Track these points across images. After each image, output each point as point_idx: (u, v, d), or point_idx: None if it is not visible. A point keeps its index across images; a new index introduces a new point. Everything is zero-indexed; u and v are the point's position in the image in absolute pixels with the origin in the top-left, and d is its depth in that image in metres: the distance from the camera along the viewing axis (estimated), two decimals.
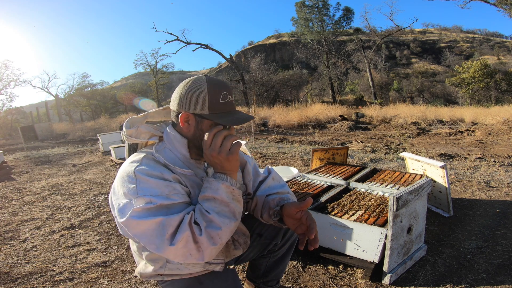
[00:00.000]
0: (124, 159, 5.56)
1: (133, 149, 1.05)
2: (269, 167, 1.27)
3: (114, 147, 5.85)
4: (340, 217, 1.75)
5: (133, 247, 1.03)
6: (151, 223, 0.79)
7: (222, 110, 0.92)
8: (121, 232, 0.92)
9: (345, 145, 4.15)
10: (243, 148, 1.26)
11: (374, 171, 2.67)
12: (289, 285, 1.64)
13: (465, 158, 4.67)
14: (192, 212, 0.86)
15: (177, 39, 22.29)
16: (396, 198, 1.49)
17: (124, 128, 0.99)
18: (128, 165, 0.89)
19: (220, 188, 0.87)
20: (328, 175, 2.56)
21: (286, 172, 3.19)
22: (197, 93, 0.90)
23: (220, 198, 0.87)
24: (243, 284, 1.46)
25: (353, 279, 1.66)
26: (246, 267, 1.45)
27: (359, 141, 7.38)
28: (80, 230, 2.59)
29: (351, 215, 1.76)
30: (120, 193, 0.86)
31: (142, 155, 0.93)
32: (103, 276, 1.83)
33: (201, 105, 0.90)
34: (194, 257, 0.82)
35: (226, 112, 0.93)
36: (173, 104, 0.95)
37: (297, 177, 2.59)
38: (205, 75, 0.95)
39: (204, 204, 0.87)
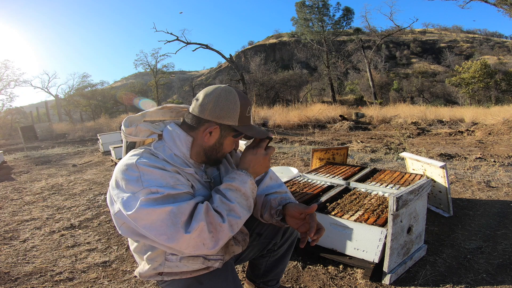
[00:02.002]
0: None
1: (131, 147, 1.06)
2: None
3: (114, 147, 5.85)
4: (340, 217, 1.75)
5: (133, 246, 1.03)
6: (161, 212, 0.80)
7: (247, 123, 1.00)
8: (119, 231, 0.92)
9: (345, 145, 4.15)
10: (242, 147, 1.27)
11: (374, 171, 2.67)
12: (289, 285, 1.64)
13: (465, 158, 4.67)
14: (207, 202, 0.88)
15: (177, 39, 22.29)
16: (396, 198, 1.49)
17: (123, 127, 0.99)
18: (129, 158, 0.90)
19: (248, 182, 0.94)
20: (328, 175, 2.56)
21: (286, 172, 3.19)
22: (232, 105, 0.94)
23: (244, 190, 0.93)
24: (243, 284, 1.46)
25: (353, 279, 1.66)
26: (246, 267, 1.45)
27: (359, 141, 7.38)
28: (80, 230, 2.58)
29: (351, 215, 1.76)
30: (122, 186, 0.85)
31: (142, 150, 0.94)
32: (103, 276, 1.83)
33: (233, 117, 0.95)
34: (207, 246, 0.83)
35: (249, 125, 1.00)
36: (200, 110, 0.96)
37: (297, 177, 2.59)
38: (229, 85, 1.00)
39: (227, 193, 0.91)
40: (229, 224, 0.87)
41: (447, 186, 2.31)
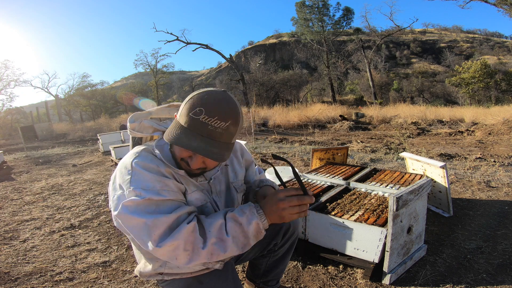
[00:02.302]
0: None
1: (137, 143, 1.09)
2: (259, 168, 1.34)
3: (114, 147, 5.85)
4: (340, 217, 1.75)
5: (133, 244, 1.04)
6: (138, 222, 0.81)
7: (193, 129, 0.82)
8: (115, 224, 0.94)
9: (345, 145, 4.15)
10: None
11: (374, 171, 2.67)
12: (289, 285, 1.64)
13: (465, 158, 4.67)
14: (195, 223, 0.84)
15: (177, 39, 22.30)
16: (396, 198, 1.49)
17: (128, 122, 1.02)
18: (127, 157, 0.92)
19: (252, 224, 0.86)
20: (328, 175, 2.56)
21: (286, 172, 3.19)
22: (185, 102, 0.85)
23: (246, 230, 0.86)
24: (243, 284, 1.46)
25: (353, 279, 1.66)
26: (246, 267, 1.45)
27: (359, 141, 7.38)
28: (80, 230, 2.58)
29: (351, 215, 1.76)
30: (116, 184, 0.88)
31: (142, 148, 0.95)
32: (103, 276, 1.83)
33: (182, 114, 0.84)
34: (179, 261, 0.82)
35: (194, 133, 0.82)
36: None
37: None
38: (224, 90, 0.87)
39: (229, 223, 0.86)
40: (209, 252, 0.83)
41: (447, 186, 2.31)
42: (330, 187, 2.28)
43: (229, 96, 0.86)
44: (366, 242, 1.63)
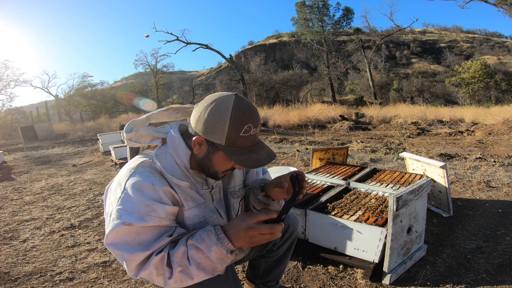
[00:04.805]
0: (124, 159, 5.56)
1: (134, 151, 1.06)
2: (264, 168, 1.28)
3: (114, 147, 5.85)
4: (340, 217, 1.75)
5: None
6: (117, 252, 0.83)
7: (240, 145, 0.86)
8: None
9: (345, 145, 4.15)
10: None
11: (374, 171, 2.67)
12: (289, 285, 1.64)
13: (465, 158, 4.67)
14: (165, 254, 0.82)
15: (177, 39, 22.30)
16: (396, 198, 1.49)
17: (124, 132, 0.97)
18: (123, 174, 0.90)
19: (212, 250, 0.82)
20: (328, 175, 2.55)
21: (286, 172, 3.19)
22: (218, 121, 0.83)
23: (208, 256, 0.83)
24: (243, 284, 1.46)
25: (353, 279, 1.66)
26: (246, 267, 1.45)
27: (359, 141, 7.38)
28: (80, 230, 2.58)
29: (351, 215, 1.76)
30: (110, 199, 0.88)
31: (139, 162, 0.92)
32: (103, 276, 1.83)
33: (219, 135, 0.84)
34: (157, 283, 0.86)
35: (244, 148, 0.86)
36: (193, 120, 0.90)
37: None
38: (236, 94, 0.87)
39: (191, 251, 0.83)
40: (178, 280, 0.83)
41: (447, 186, 2.31)
42: (330, 187, 2.28)
43: (245, 99, 0.89)
44: (366, 242, 1.63)
